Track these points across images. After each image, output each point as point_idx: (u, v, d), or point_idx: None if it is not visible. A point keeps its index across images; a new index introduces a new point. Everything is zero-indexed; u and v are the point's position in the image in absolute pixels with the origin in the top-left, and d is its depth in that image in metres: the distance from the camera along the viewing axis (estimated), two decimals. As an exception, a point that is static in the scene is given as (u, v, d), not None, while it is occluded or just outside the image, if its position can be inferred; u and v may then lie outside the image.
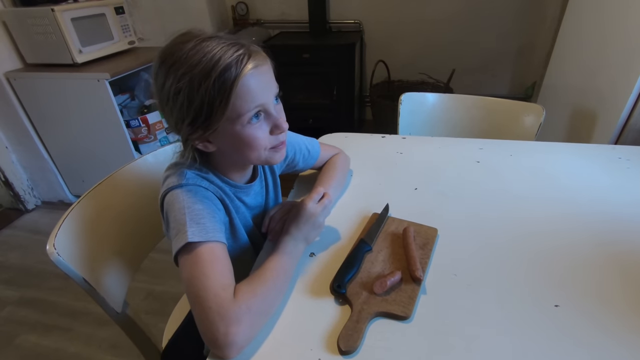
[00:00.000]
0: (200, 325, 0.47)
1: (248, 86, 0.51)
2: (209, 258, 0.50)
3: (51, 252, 0.60)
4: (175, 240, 0.51)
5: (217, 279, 0.49)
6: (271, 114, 0.56)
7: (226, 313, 0.46)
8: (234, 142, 0.56)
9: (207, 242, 0.51)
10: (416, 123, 1.29)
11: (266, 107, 0.55)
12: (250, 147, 0.56)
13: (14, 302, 1.53)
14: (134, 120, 1.86)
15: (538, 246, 0.65)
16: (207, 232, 0.51)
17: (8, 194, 2.02)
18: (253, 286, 0.51)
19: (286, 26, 2.65)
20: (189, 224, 0.51)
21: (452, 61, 2.49)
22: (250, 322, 0.48)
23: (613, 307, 0.53)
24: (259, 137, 0.56)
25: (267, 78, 0.55)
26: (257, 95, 0.53)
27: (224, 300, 0.47)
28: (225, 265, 0.51)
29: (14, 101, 1.78)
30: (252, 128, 0.55)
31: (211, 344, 0.46)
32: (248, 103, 0.52)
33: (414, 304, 0.54)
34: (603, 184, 0.82)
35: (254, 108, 0.53)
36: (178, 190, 0.55)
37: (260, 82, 0.53)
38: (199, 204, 0.54)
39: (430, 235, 0.67)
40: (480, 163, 0.92)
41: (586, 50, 1.52)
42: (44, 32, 1.65)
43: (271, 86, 0.56)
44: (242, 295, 0.49)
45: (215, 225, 0.54)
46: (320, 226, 0.64)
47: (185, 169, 0.58)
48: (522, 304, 0.54)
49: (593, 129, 1.36)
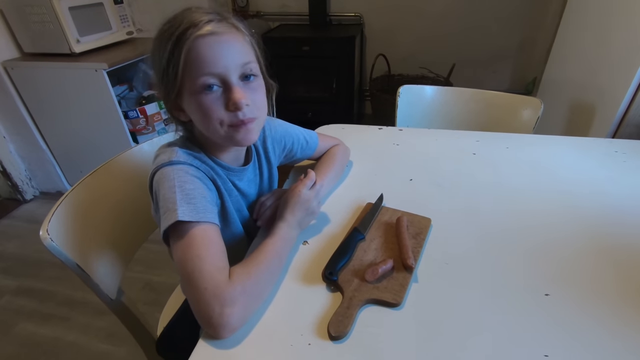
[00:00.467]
0: (194, 305, 0.47)
1: (198, 52, 0.51)
2: (202, 240, 0.50)
3: (44, 237, 0.60)
4: (164, 218, 0.50)
5: (212, 261, 0.49)
6: (230, 88, 0.53)
7: (221, 294, 0.46)
8: (192, 111, 0.56)
9: (199, 223, 0.51)
10: (414, 115, 1.29)
11: (224, 78, 0.53)
12: (206, 119, 0.55)
13: (11, 291, 1.54)
14: (132, 112, 1.86)
15: (531, 237, 0.65)
16: (197, 212, 0.51)
17: (6, 184, 2.02)
18: (248, 269, 0.51)
19: (286, 18, 2.64)
20: (180, 202, 0.50)
21: (453, 56, 2.48)
22: (244, 303, 0.48)
23: (604, 298, 0.54)
24: (213, 109, 0.53)
25: (229, 48, 0.53)
26: (208, 63, 0.51)
27: (219, 282, 0.47)
28: (219, 248, 0.51)
29: (11, 90, 1.77)
30: (205, 98, 0.53)
31: (205, 324, 0.47)
32: (197, 69, 0.51)
33: (405, 292, 0.54)
34: (599, 177, 0.82)
35: (203, 76, 0.52)
36: (169, 167, 0.54)
37: (214, 51, 0.51)
38: (190, 183, 0.54)
39: (423, 225, 0.67)
40: (477, 155, 0.92)
41: (586, 45, 1.51)
42: (42, 21, 1.64)
43: (234, 58, 0.53)
44: (237, 277, 0.49)
45: (206, 206, 0.53)
46: (313, 212, 0.64)
47: (176, 147, 0.58)
48: (512, 293, 0.55)
49: (591, 123, 1.36)
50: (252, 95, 0.56)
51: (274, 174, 0.77)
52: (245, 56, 0.55)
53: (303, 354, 0.47)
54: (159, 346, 0.81)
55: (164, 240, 0.52)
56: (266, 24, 2.62)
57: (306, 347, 0.47)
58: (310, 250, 0.64)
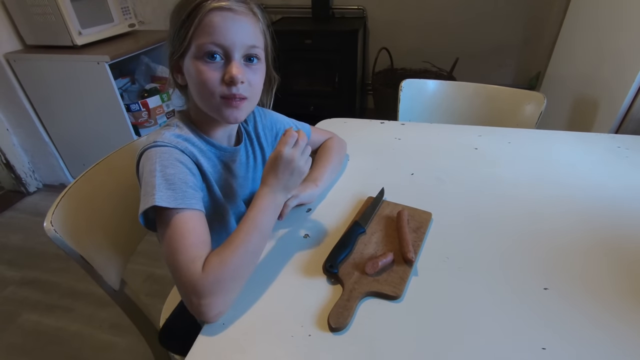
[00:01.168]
0: (180, 295, 0.50)
1: (211, 20, 0.53)
2: (179, 229, 0.50)
3: (48, 229, 0.60)
4: (142, 201, 0.51)
5: (187, 252, 0.49)
6: (231, 62, 0.55)
7: (195, 286, 0.48)
8: (190, 74, 0.57)
9: (179, 210, 0.51)
10: (416, 110, 1.29)
11: (227, 52, 0.55)
12: (201, 85, 0.56)
13: (16, 282, 1.55)
14: (135, 105, 1.86)
15: (531, 232, 0.66)
16: (176, 198, 0.51)
17: (9, 177, 2.03)
18: (222, 256, 0.50)
19: (289, 11, 2.62)
20: (158, 187, 0.51)
21: (457, 50, 2.46)
22: (221, 291, 0.49)
23: (602, 292, 0.54)
24: (209, 77, 0.55)
25: (241, 27, 0.55)
26: (217, 33, 0.53)
27: (192, 274, 0.48)
28: (198, 236, 0.51)
29: (14, 83, 1.78)
30: (205, 65, 0.55)
31: (191, 312, 0.49)
32: (206, 36, 0.54)
33: (404, 285, 0.54)
34: (600, 172, 0.82)
35: (210, 43, 0.54)
36: (152, 150, 0.55)
37: (226, 24, 0.54)
38: (172, 167, 0.54)
39: (424, 219, 0.67)
40: (478, 150, 0.92)
41: (590, 40, 1.50)
42: (43, 13, 1.64)
43: (243, 37, 0.55)
44: (210, 267, 0.49)
45: (187, 191, 0.53)
46: (300, 171, 0.57)
47: (164, 130, 0.59)
48: (511, 286, 0.55)
49: (594, 118, 1.35)
50: (250, 76, 0.58)
51: None
52: (253, 39, 0.57)
53: (303, 344, 0.47)
54: (162, 336, 0.82)
55: (144, 225, 0.53)
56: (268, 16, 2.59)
57: (306, 338, 0.48)
58: (311, 243, 0.64)
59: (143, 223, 0.53)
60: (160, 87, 1.98)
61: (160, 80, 2.05)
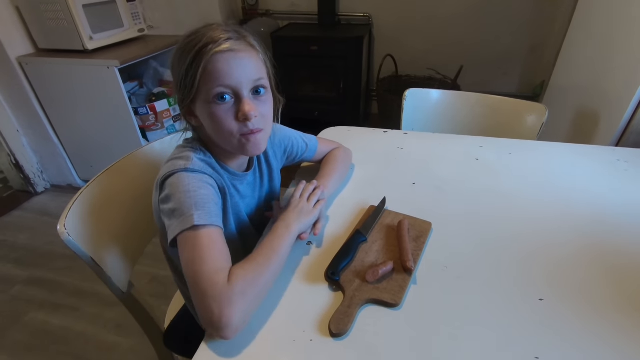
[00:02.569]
0: (197, 307, 0.49)
1: (215, 66, 0.55)
2: (207, 242, 0.52)
3: (62, 232, 0.63)
4: (179, 222, 0.53)
5: (213, 263, 0.51)
6: (241, 100, 0.57)
7: (219, 296, 0.48)
8: (204, 118, 0.60)
9: (208, 227, 0.53)
10: (420, 119, 1.31)
11: (236, 91, 0.57)
12: (217, 126, 0.58)
13: (23, 281, 1.58)
14: (142, 108, 1.89)
15: (529, 243, 0.67)
16: (210, 216, 0.54)
17: (19, 177, 2.07)
18: (246, 270, 0.53)
19: (295, 17, 2.66)
20: (195, 207, 0.53)
21: (461, 58, 2.49)
22: (243, 304, 0.50)
23: (597, 305, 0.55)
24: (224, 118, 0.58)
25: (245, 65, 0.57)
26: (224, 76, 0.55)
27: (217, 284, 0.49)
28: (222, 249, 0.54)
29: (25, 85, 1.82)
30: (218, 108, 0.57)
31: (207, 325, 0.49)
32: (213, 81, 0.55)
33: (404, 293, 0.56)
34: (599, 184, 0.84)
35: (218, 87, 0.56)
36: (184, 174, 0.57)
37: (230, 66, 0.56)
38: (204, 189, 0.57)
39: (424, 229, 0.69)
40: (479, 160, 0.94)
41: (593, 51, 1.51)
42: (56, 18, 1.68)
43: (247, 74, 0.57)
44: (236, 279, 0.51)
45: (217, 211, 0.57)
46: (309, 212, 0.67)
47: (192, 154, 0.61)
48: (508, 296, 0.57)
49: (595, 130, 1.36)
50: (261, 108, 0.60)
51: (275, 177, 0.80)
52: (257, 72, 0.59)
53: (305, 349, 0.49)
54: (166, 338, 0.85)
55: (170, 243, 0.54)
56: (275, 22, 2.64)
57: (308, 343, 0.50)
58: (314, 251, 0.66)
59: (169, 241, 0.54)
60: (167, 91, 2.02)
61: (168, 84, 2.09)
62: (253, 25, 2.54)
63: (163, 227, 0.59)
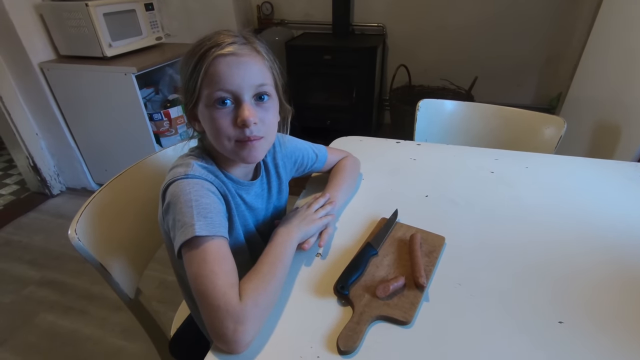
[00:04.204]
0: (208, 322, 0.48)
1: (216, 69, 0.55)
2: (216, 255, 0.51)
3: (72, 237, 0.63)
4: (180, 232, 0.52)
5: (225, 278, 0.50)
6: (241, 105, 0.56)
7: (234, 311, 0.47)
8: (205, 121, 0.59)
9: (214, 238, 0.52)
10: (433, 130, 1.29)
11: (237, 95, 0.56)
12: (215, 132, 0.57)
13: (35, 282, 1.60)
14: (157, 114, 1.92)
15: (547, 261, 0.65)
16: (214, 226, 0.53)
17: (35, 179, 2.11)
18: (255, 283, 0.52)
19: (310, 27, 2.68)
20: (197, 217, 0.52)
21: (476, 68, 2.46)
22: (257, 318, 0.49)
23: (619, 329, 0.53)
24: (222, 122, 0.56)
25: (247, 69, 0.56)
26: (225, 79, 0.55)
27: (231, 299, 0.48)
28: (231, 263, 0.53)
29: (46, 90, 1.87)
30: (216, 112, 0.56)
31: (219, 340, 0.48)
32: (214, 84, 0.55)
33: (415, 310, 0.54)
34: (621, 202, 0.80)
35: (218, 90, 0.55)
36: (184, 181, 0.56)
37: (231, 70, 0.55)
38: (206, 197, 0.55)
39: (437, 243, 0.67)
40: (495, 173, 0.91)
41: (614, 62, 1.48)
42: (77, 26, 1.72)
43: (249, 78, 0.56)
44: (248, 293, 0.50)
45: (221, 221, 0.55)
46: (312, 220, 0.66)
47: (192, 161, 0.60)
48: (525, 317, 0.54)
49: (616, 145, 1.32)
50: (262, 115, 0.58)
51: (284, 189, 0.78)
52: (261, 78, 0.58)
53: (311, 366, 0.48)
54: (172, 346, 0.84)
55: (178, 254, 0.53)
56: (290, 32, 2.66)
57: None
58: (323, 263, 0.65)
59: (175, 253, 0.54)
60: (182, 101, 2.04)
61: (182, 91, 2.11)
62: (268, 34, 2.57)
63: (168, 237, 0.58)
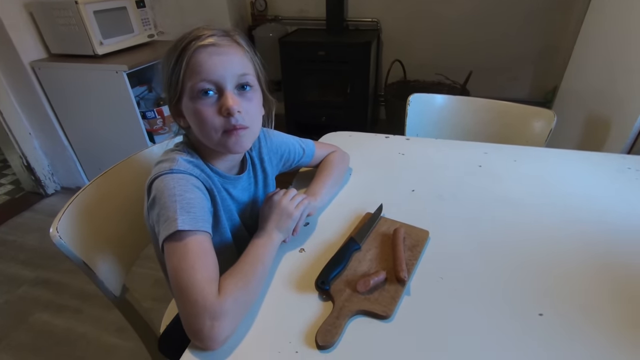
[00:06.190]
0: (184, 317, 0.48)
1: (197, 59, 0.55)
2: (197, 250, 0.51)
3: (54, 235, 0.63)
4: (164, 227, 0.52)
5: (205, 273, 0.49)
6: (224, 95, 0.57)
7: (211, 306, 0.47)
8: (189, 115, 0.59)
9: (197, 233, 0.52)
10: (424, 124, 1.28)
11: (219, 85, 0.56)
12: (200, 124, 0.58)
13: (29, 282, 1.60)
14: (150, 112, 1.92)
15: (530, 254, 0.64)
16: (197, 221, 0.53)
17: (30, 178, 2.11)
18: (235, 280, 0.52)
19: (304, 23, 2.66)
20: (180, 211, 0.52)
21: (471, 63, 2.45)
22: (234, 315, 0.49)
23: (599, 321, 0.52)
24: (207, 113, 0.57)
25: (228, 59, 0.57)
26: (207, 70, 0.55)
27: (209, 294, 0.48)
28: (212, 259, 0.52)
29: (37, 89, 1.86)
30: (200, 103, 0.56)
31: (195, 336, 0.47)
32: (196, 75, 0.55)
33: (395, 304, 0.54)
34: (608, 193, 0.80)
35: (201, 81, 0.55)
36: (169, 176, 0.56)
37: (212, 59, 0.55)
38: (190, 192, 0.55)
39: (421, 238, 0.67)
40: (482, 167, 0.91)
41: (606, 54, 1.47)
42: (68, 24, 1.71)
43: (231, 68, 0.57)
44: (227, 290, 0.50)
45: (204, 216, 0.55)
46: (289, 213, 0.63)
47: (177, 155, 0.60)
48: (505, 310, 0.54)
49: (606, 137, 1.32)
50: (246, 105, 0.59)
51: (270, 183, 0.77)
52: (242, 68, 0.58)
53: (289, 361, 0.48)
54: (161, 343, 0.84)
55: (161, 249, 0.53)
56: (284, 28, 2.65)
57: (293, 355, 0.48)
58: (305, 258, 0.65)
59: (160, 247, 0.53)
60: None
61: (175, 88, 2.11)
62: (261, 30, 2.56)
63: (153, 232, 0.58)
